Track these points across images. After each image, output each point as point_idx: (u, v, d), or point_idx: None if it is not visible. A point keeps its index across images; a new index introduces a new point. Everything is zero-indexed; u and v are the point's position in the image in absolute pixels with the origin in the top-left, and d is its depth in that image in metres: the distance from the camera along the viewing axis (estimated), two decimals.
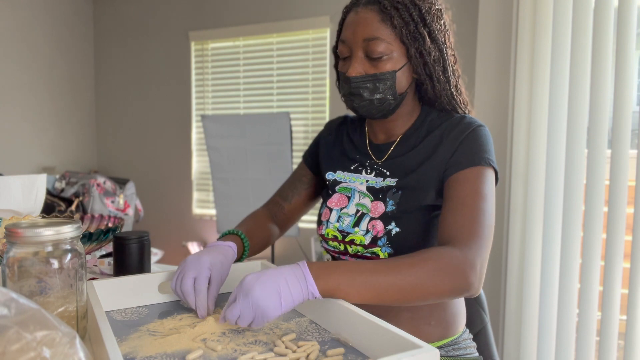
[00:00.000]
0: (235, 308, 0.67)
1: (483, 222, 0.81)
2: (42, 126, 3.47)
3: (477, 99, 2.07)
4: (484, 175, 0.86)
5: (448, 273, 0.74)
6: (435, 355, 0.55)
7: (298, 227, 2.65)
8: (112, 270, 1.05)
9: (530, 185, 1.87)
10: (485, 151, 0.89)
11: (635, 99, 1.70)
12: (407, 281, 0.72)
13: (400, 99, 0.92)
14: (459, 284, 0.74)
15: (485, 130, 0.92)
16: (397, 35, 0.87)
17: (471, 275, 0.75)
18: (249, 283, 0.67)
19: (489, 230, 0.81)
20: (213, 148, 2.71)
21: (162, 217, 3.67)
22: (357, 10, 0.90)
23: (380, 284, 0.71)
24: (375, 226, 0.92)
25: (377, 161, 0.98)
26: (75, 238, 0.67)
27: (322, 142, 1.11)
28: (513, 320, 1.95)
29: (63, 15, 3.60)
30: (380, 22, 0.87)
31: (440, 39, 0.90)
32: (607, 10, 1.70)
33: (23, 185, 1.15)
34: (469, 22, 2.34)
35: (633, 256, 1.68)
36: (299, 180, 1.13)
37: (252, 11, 3.24)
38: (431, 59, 0.90)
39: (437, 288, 0.73)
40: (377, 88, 0.89)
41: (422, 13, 0.87)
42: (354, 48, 0.89)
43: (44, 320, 0.48)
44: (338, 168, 1.03)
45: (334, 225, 0.97)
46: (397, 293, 0.72)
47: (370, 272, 0.72)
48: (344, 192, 0.99)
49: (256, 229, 1.03)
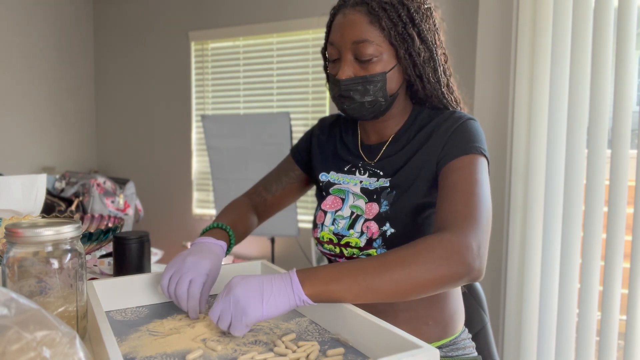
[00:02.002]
0: (216, 306, 0.67)
1: (478, 205, 0.78)
2: (42, 126, 3.47)
3: (477, 99, 2.07)
4: (477, 162, 0.85)
5: (442, 259, 0.70)
6: (435, 355, 0.55)
7: (298, 227, 2.65)
8: (112, 270, 1.05)
9: (530, 185, 1.87)
10: (476, 140, 0.88)
11: (635, 99, 1.70)
12: (400, 275, 0.69)
13: (392, 100, 0.92)
14: (457, 269, 0.70)
15: (475, 123, 0.92)
16: (386, 37, 0.87)
17: (468, 257, 0.71)
18: (233, 282, 0.67)
19: (486, 213, 0.78)
20: (213, 148, 2.71)
21: (162, 217, 3.67)
22: (344, 12, 0.89)
23: (373, 281, 0.68)
24: (370, 227, 0.91)
25: (370, 162, 0.98)
26: (75, 238, 0.67)
27: (314, 141, 1.09)
28: (513, 320, 1.95)
29: (63, 15, 3.60)
30: (369, 24, 0.86)
31: (430, 38, 0.89)
32: (607, 10, 1.70)
33: (23, 185, 1.15)
34: (469, 21, 2.34)
35: (633, 256, 1.68)
36: (286, 174, 1.11)
37: (252, 11, 3.24)
38: (421, 60, 0.89)
39: (433, 276, 0.69)
40: (368, 90, 0.88)
41: (410, 13, 0.87)
42: (343, 51, 0.88)
43: (44, 320, 0.48)
44: (331, 169, 1.02)
45: (329, 228, 0.96)
46: (392, 288, 0.69)
47: (359, 271, 0.69)
48: (338, 194, 0.98)
49: (239, 221, 1.01)
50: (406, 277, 0.69)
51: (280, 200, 1.11)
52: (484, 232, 0.76)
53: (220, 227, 0.94)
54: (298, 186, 1.12)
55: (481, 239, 0.74)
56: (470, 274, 0.72)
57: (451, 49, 0.99)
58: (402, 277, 0.69)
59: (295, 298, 0.67)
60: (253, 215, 1.08)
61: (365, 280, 0.68)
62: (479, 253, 0.73)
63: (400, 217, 0.90)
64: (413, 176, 0.91)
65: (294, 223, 2.60)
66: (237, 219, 1.01)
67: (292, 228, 2.60)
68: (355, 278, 0.69)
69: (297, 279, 0.68)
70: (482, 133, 0.91)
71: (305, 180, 1.12)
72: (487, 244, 0.76)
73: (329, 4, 0.98)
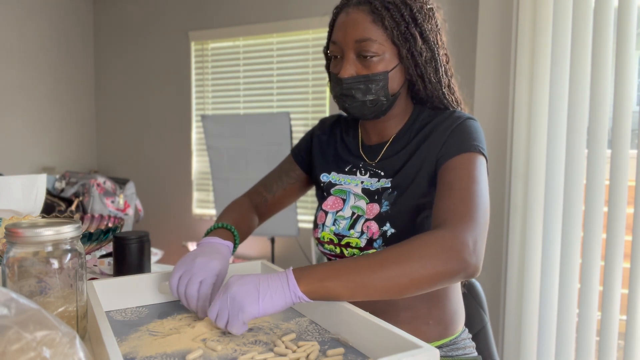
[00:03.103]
0: (214, 304, 0.68)
1: (475, 203, 0.78)
2: (42, 126, 3.47)
3: (477, 99, 2.07)
4: (475, 161, 0.85)
5: (437, 255, 0.70)
6: (435, 355, 0.55)
7: (298, 227, 2.65)
8: (112, 270, 1.05)
9: (530, 185, 1.87)
10: (474, 139, 0.88)
11: (635, 99, 1.70)
12: (395, 271, 0.69)
13: (393, 99, 0.92)
14: (452, 265, 0.70)
15: (475, 122, 0.92)
16: (389, 36, 0.87)
17: (464, 253, 0.71)
18: (231, 280, 0.68)
19: (483, 211, 0.78)
20: (213, 148, 2.71)
21: (162, 217, 3.67)
22: (347, 11, 0.89)
23: (368, 277, 0.68)
24: (370, 227, 0.91)
25: (370, 162, 0.98)
26: (75, 238, 0.67)
27: (315, 141, 1.09)
28: (513, 320, 1.95)
29: (63, 15, 3.60)
30: (372, 23, 0.86)
31: (432, 39, 0.90)
32: (607, 10, 1.70)
33: (23, 185, 1.15)
34: (469, 21, 2.34)
35: (633, 256, 1.68)
36: (286, 174, 1.11)
37: (252, 11, 3.24)
38: (422, 60, 0.89)
39: (428, 272, 0.69)
40: (370, 89, 0.89)
41: (413, 13, 0.87)
42: (346, 49, 0.88)
43: (44, 320, 0.48)
44: (332, 169, 1.02)
45: (330, 228, 0.96)
46: (387, 285, 0.69)
47: (354, 268, 0.69)
48: (339, 195, 0.98)
49: (241, 221, 1.01)
50: (401, 273, 0.69)
51: (281, 200, 1.11)
52: (481, 229, 0.76)
53: (224, 227, 0.94)
54: (299, 186, 1.12)
55: (477, 235, 0.74)
56: (466, 270, 0.71)
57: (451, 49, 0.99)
58: (397, 273, 0.69)
59: (291, 295, 0.67)
60: (254, 215, 1.08)
61: (360, 277, 0.69)
62: (474, 249, 0.72)
63: (401, 217, 0.90)
64: (413, 176, 0.91)
65: (294, 223, 2.60)
66: (240, 218, 1.01)
67: (292, 228, 2.60)
68: (350, 275, 0.69)
69: (292, 276, 0.68)
70: (481, 132, 0.91)
71: (306, 180, 1.12)
72: (484, 241, 0.76)
73: (329, 4, 0.98)
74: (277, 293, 0.67)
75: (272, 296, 0.67)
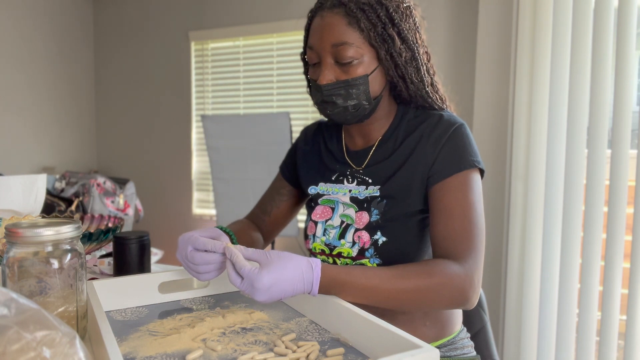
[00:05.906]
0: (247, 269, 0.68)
1: (476, 233, 0.82)
2: (42, 126, 3.47)
3: (477, 99, 2.07)
4: (470, 181, 0.86)
5: (450, 289, 0.77)
6: (435, 355, 0.55)
7: (298, 227, 2.65)
8: (112, 270, 1.05)
9: (530, 185, 1.87)
10: (468, 153, 0.87)
11: (635, 99, 1.70)
12: (408, 304, 0.76)
13: (375, 102, 0.90)
14: (457, 300, 0.78)
15: (465, 128, 0.90)
16: (366, 38, 0.84)
17: (470, 292, 0.78)
18: (274, 260, 0.70)
19: (482, 239, 0.84)
20: (213, 148, 2.71)
21: (162, 217, 3.67)
22: (322, 14, 0.86)
23: (382, 302, 0.75)
24: (361, 237, 0.90)
25: (357, 168, 0.96)
26: (75, 238, 0.67)
27: (299, 154, 1.08)
28: (513, 320, 1.95)
29: (63, 15, 3.60)
30: (347, 26, 0.83)
31: (411, 38, 0.87)
32: (607, 10, 1.70)
33: (23, 185, 1.15)
34: (469, 21, 2.34)
35: (633, 256, 1.68)
36: (278, 192, 1.11)
37: (252, 11, 3.24)
38: (402, 60, 0.87)
39: (436, 301, 0.77)
40: (351, 94, 0.86)
41: (389, 13, 0.84)
42: (323, 54, 0.86)
43: (44, 320, 0.48)
44: (319, 180, 1.01)
45: (321, 239, 0.96)
46: (397, 307, 0.77)
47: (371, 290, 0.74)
48: (327, 204, 0.97)
49: (242, 233, 1.02)
50: (413, 305, 0.77)
51: (278, 219, 1.11)
52: (482, 262, 0.83)
53: (220, 229, 0.94)
54: (292, 202, 1.12)
55: (480, 270, 0.82)
56: (465, 305, 0.80)
57: (451, 49, 0.99)
58: (409, 305, 0.77)
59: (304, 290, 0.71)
60: (256, 232, 1.08)
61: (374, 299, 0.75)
62: (477, 287, 0.80)
63: (391, 226, 0.89)
64: (404, 186, 0.90)
65: (294, 223, 2.60)
66: (240, 231, 1.02)
67: (292, 228, 2.60)
68: (366, 296, 0.74)
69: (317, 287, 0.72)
70: (472, 139, 0.90)
71: (298, 194, 1.12)
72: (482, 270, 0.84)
73: None
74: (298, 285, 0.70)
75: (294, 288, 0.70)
